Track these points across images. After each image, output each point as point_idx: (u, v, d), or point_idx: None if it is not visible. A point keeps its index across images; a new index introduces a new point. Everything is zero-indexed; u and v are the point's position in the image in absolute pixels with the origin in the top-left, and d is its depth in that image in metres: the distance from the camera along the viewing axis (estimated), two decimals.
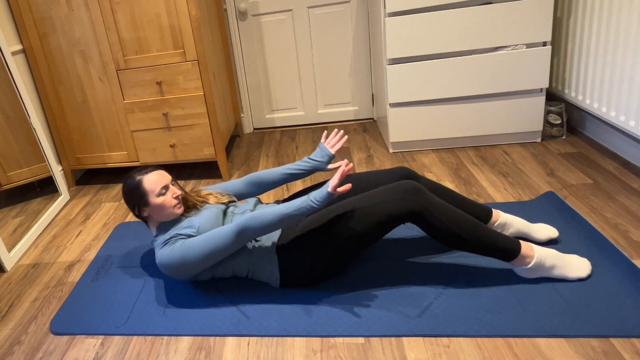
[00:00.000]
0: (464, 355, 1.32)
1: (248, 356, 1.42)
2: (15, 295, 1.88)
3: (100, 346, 1.54)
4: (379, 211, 1.50)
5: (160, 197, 1.66)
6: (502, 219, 1.72)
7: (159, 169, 1.73)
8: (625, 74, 2.05)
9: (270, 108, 3.36)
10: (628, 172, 2.13)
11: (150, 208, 1.68)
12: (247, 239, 1.54)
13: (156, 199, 1.66)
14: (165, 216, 1.69)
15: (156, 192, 1.65)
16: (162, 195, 1.67)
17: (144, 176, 1.69)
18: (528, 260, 1.51)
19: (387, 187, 1.54)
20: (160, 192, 1.66)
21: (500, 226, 1.72)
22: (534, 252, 1.51)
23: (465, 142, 2.64)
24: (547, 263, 1.52)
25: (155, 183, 1.67)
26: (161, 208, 1.67)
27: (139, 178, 1.68)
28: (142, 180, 1.68)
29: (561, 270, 1.52)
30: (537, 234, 1.70)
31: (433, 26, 2.39)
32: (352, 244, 1.53)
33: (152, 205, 1.67)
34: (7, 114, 2.32)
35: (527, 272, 1.54)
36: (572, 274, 1.52)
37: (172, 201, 1.67)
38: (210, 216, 1.68)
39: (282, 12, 3.07)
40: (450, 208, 1.50)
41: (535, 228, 1.72)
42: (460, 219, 1.49)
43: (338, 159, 2.73)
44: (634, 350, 1.26)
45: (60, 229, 2.36)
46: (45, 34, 2.49)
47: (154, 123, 2.58)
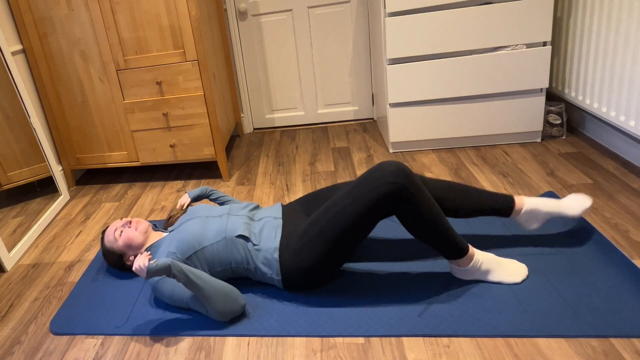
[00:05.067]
0: (464, 355, 1.32)
1: (248, 356, 1.42)
2: (15, 295, 1.88)
3: (100, 346, 1.54)
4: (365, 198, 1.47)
5: (121, 238, 1.76)
6: (528, 206, 1.65)
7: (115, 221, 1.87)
8: (625, 74, 2.05)
9: (270, 108, 3.36)
10: (628, 172, 2.13)
11: (126, 250, 1.78)
12: (202, 305, 1.55)
13: (119, 242, 1.77)
14: (141, 244, 1.77)
15: (115, 239, 1.77)
16: (120, 234, 1.77)
17: (104, 241, 1.83)
18: (467, 262, 1.53)
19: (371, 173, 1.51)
20: (118, 234, 1.77)
21: (527, 214, 1.66)
22: (473, 254, 1.53)
23: (465, 142, 2.64)
24: (482, 267, 1.54)
25: (110, 235, 1.79)
26: (130, 243, 1.76)
27: (102, 246, 1.83)
28: (104, 244, 1.82)
29: (496, 275, 1.55)
30: (571, 211, 1.65)
31: (433, 26, 2.39)
32: (347, 238, 1.50)
33: (123, 248, 1.77)
34: (7, 114, 2.32)
35: (463, 274, 1.56)
36: (508, 278, 1.54)
37: (131, 233, 1.75)
38: (190, 229, 1.67)
39: (282, 12, 3.07)
40: (429, 195, 1.49)
41: (567, 205, 1.65)
42: (435, 207, 1.48)
43: (338, 159, 2.73)
44: (634, 350, 1.26)
45: (60, 229, 2.36)
46: (45, 34, 2.49)
47: (154, 123, 2.58)
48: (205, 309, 1.54)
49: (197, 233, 1.64)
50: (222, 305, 1.50)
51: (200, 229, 1.65)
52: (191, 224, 1.68)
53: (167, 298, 1.59)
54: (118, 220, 1.86)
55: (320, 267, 1.56)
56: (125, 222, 1.79)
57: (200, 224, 1.68)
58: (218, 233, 1.64)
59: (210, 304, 1.49)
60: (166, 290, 1.58)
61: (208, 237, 1.63)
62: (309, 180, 2.52)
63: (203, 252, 1.62)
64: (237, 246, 1.62)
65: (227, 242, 1.62)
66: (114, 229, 1.79)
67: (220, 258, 1.63)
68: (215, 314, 1.51)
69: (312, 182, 2.49)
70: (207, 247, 1.62)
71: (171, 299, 1.58)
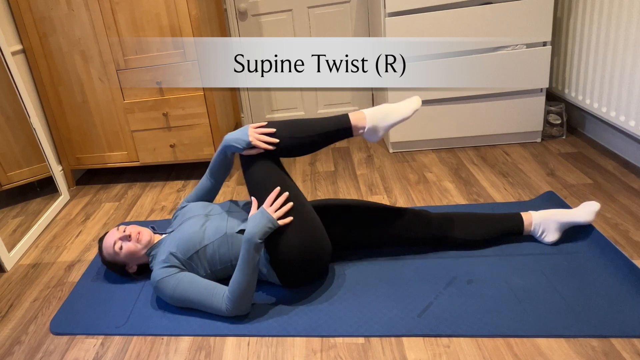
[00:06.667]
0: (464, 355, 1.32)
1: (248, 356, 1.42)
2: (15, 295, 1.88)
3: (100, 346, 1.54)
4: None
5: (122, 252, 1.72)
6: (537, 219, 1.71)
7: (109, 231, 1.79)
8: (625, 74, 2.05)
9: (270, 108, 3.36)
10: (628, 172, 2.13)
11: (128, 261, 1.76)
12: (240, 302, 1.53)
13: (120, 256, 1.73)
14: (143, 247, 1.73)
15: (116, 253, 1.73)
16: (121, 248, 1.72)
17: (103, 253, 1.77)
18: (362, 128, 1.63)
19: None
20: (118, 248, 1.72)
21: (538, 226, 1.70)
22: (365, 119, 1.62)
23: (465, 142, 2.65)
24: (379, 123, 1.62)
25: (109, 248, 1.74)
26: (132, 256, 1.74)
27: (102, 258, 1.79)
28: (104, 256, 1.77)
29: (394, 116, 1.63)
30: (583, 217, 1.67)
31: (433, 26, 2.39)
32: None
33: (125, 260, 1.75)
34: (7, 114, 2.32)
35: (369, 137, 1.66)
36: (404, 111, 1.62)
37: (133, 246, 1.72)
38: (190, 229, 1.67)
39: (282, 12, 3.07)
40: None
41: (578, 212, 1.69)
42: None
43: (338, 159, 2.73)
44: (634, 350, 1.26)
45: (60, 229, 2.36)
46: (45, 34, 2.49)
47: (154, 123, 2.58)
48: (208, 308, 1.54)
49: (197, 232, 1.64)
50: (250, 296, 1.51)
51: (200, 227, 1.66)
52: (190, 223, 1.68)
53: (168, 298, 1.59)
54: (114, 230, 1.76)
55: (292, 239, 1.53)
56: (124, 236, 1.72)
57: (199, 223, 1.68)
58: (218, 231, 1.64)
59: (249, 292, 1.50)
60: (167, 289, 1.58)
61: (208, 236, 1.63)
62: (309, 180, 2.52)
63: (204, 251, 1.62)
64: (237, 242, 1.62)
65: (227, 238, 1.62)
66: (113, 242, 1.73)
67: (220, 255, 1.63)
68: (237, 305, 1.51)
69: (312, 182, 2.49)
70: (207, 245, 1.62)
71: (172, 298, 1.58)
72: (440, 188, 2.22)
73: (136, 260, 1.76)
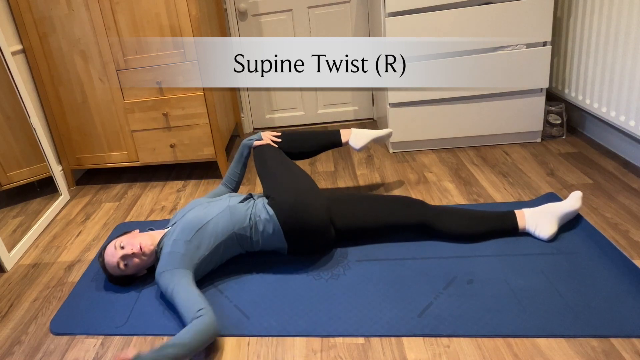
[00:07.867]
0: (464, 355, 1.32)
1: (248, 356, 1.42)
2: (15, 295, 1.88)
3: (100, 346, 1.54)
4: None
5: (129, 268, 1.71)
6: (529, 215, 1.75)
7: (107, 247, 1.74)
8: (625, 74, 2.05)
9: (270, 108, 3.36)
10: (628, 172, 2.13)
11: (137, 271, 1.75)
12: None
13: (127, 272, 1.73)
14: (149, 256, 1.72)
15: (122, 270, 1.71)
16: (126, 266, 1.70)
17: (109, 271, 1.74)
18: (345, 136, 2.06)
19: None
20: (123, 266, 1.70)
21: (532, 224, 1.74)
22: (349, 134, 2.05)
23: (465, 142, 2.65)
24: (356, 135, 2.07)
25: (115, 269, 1.71)
26: (141, 268, 1.75)
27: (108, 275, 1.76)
28: (111, 273, 1.74)
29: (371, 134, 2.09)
30: (570, 205, 1.75)
31: (433, 26, 2.39)
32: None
33: (133, 271, 1.74)
34: (7, 114, 2.32)
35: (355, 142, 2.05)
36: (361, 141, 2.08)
37: (139, 261, 1.71)
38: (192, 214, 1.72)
39: (282, 12, 3.07)
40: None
41: (566, 203, 1.76)
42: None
43: (338, 159, 2.73)
44: (634, 350, 1.26)
45: (60, 229, 2.36)
46: (45, 34, 2.49)
47: (154, 123, 2.58)
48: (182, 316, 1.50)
49: (199, 214, 1.72)
50: (203, 345, 1.39)
51: (203, 210, 1.74)
52: (194, 211, 1.75)
53: (162, 292, 1.62)
54: (112, 249, 1.71)
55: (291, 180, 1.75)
56: (124, 255, 1.68)
57: (202, 207, 1.76)
58: (220, 207, 1.74)
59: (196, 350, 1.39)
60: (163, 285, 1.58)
61: (211, 212, 1.72)
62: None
63: (206, 227, 1.67)
64: (239, 209, 1.72)
65: (230, 209, 1.72)
66: (116, 263, 1.69)
67: (224, 225, 1.69)
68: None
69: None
70: (210, 220, 1.69)
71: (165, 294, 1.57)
72: (440, 188, 2.22)
73: (146, 267, 1.77)
